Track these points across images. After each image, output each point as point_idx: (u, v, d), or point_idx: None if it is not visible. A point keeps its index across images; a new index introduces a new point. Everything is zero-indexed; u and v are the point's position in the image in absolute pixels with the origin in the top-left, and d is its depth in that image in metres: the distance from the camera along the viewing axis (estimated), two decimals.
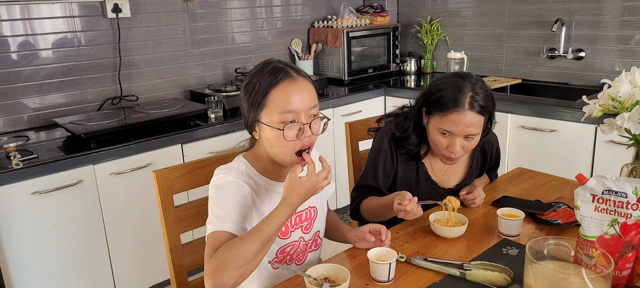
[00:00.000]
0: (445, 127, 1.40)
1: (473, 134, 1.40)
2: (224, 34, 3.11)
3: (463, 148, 1.42)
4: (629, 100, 1.17)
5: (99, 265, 2.24)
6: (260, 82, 1.16)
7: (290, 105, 1.13)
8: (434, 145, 1.48)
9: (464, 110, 1.37)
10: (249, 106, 1.18)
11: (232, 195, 1.16)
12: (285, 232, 1.28)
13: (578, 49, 2.90)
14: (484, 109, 1.39)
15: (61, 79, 2.55)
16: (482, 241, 1.33)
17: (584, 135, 2.38)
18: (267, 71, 1.17)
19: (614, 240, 1.05)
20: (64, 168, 2.06)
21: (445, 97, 1.39)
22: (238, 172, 1.20)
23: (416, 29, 3.66)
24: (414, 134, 1.51)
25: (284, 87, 1.14)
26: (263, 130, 1.17)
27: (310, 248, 1.36)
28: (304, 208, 1.31)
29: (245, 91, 1.19)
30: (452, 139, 1.41)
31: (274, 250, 1.27)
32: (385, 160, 1.55)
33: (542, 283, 1.04)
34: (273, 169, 1.25)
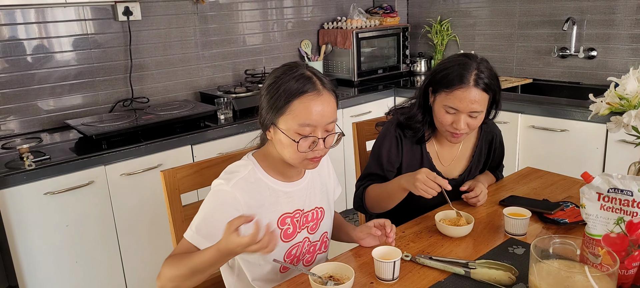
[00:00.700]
0: (451, 104, 1.43)
1: (477, 111, 1.43)
2: (234, 36, 3.13)
3: (468, 126, 1.45)
4: (636, 98, 1.16)
5: (110, 264, 2.27)
6: (285, 87, 1.14)
7: (310, 119, 1.13)
8: (439, 123, 1.50)
9: (469, 87, 1.40)
10: (268, 107, 1.17)
11: (219, 210, 1.16)
12: (291, 234, 1.28)
13: (590, 48, 2.87)
14: (488, 87, 1.43)
15: (73, 81, 2.60)
16: (488, 240, 1.33)
17: (595, 135, 2.35)
18: (293, 76, 1.15)
19: (620, 238, 1.03)
20: (75, 169, 2.10)
21: (451, 74, 1.43)
22: (240, 180, 1.19)
23: (426, 30, 3.65)
24: (420, 112, 1.54)
25: (308, 100, 1.13)
26: (277, 134, 1.18)
27: (319, 249, 1.36)
28: (311, 209, 1.31)
29: (268, 90, 1.18)
30: (457, 116, 1.44)
31: (281, 254, 1.27)
32: (390, 147, 1.57)
33: (547, 282, 1.03)
34: (281, 169, 1.26)
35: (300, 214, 1.29)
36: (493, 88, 1.45)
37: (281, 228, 1.26)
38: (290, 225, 1.27)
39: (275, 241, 1.05)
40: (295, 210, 1.28)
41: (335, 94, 1.20)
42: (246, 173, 1.21)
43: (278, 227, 1.25)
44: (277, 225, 1.25)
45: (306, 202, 1.31)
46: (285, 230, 1.27)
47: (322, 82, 1.17)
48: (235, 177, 1.19)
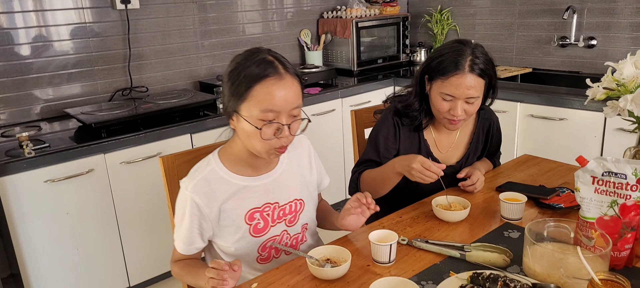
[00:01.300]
0: (447, 91, 1.43)
1: (473, 97, 1.43)
2: (233, 25, 3.13)
3: (465, 112, 1.46)
4: (632, 82, 1.16)
5: (111, 252, 2.29)
6: (246, 72, 1.11)
7: (272, 104, 1.10)
8: (436, 111, 1.51)
9: (465, 73, 1.41)
10: (230, 94, 1.14)
11: (187, 216, 1.20)
12: (263, 229, 1.26)
13: (589, 37, 2.86)
14: (484, 72, 1.43)
15: (72, 70, 2.60)
16: (484, 225, 1.34)
17: (594, 123, 2.36)
18: (255, 61, 1.12)
19: (613, 221, 1.04)
20: (75, 157, 2.11)
21: (446, 61, 1.43)
22: (200, 181, 1.20)
23: (426, 19, 3.64)
24: (416, 100, 1.55)
25: (270, 84, 1.10)
26: (240, 122, 1.14)
27: (301, 241, 1.35)
28: (288, 202, 1.30)
29: (229, 77, 1.15)
30: (453, 103, 1.45)
31: (254, 249, 1.27)
32: (388, 133, 1.57)
33: (541, 264, 1.04)
34: (248, 162, 1.23)
35: (271, 207, 1.27)
36: (489, 73, 1.46)
37: (249, 224, 1.24)
38: (260, 220, 1.25)
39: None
40: (265, 204, 1.26)
41: (299, 79, 1.16)
42: (206, 173, 1.21)
43: (246, 223, 1.24)
44: (245, 221, 1.23)
45: (281, 194, 1.28)
46: (254, 225, 1.25)
47: (285, 66, 1.14)
48: (195, 179, 1.20)
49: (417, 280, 1.10)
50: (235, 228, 1.24)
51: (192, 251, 1.25)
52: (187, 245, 1.24)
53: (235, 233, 1.24)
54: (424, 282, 1.09)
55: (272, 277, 1.17)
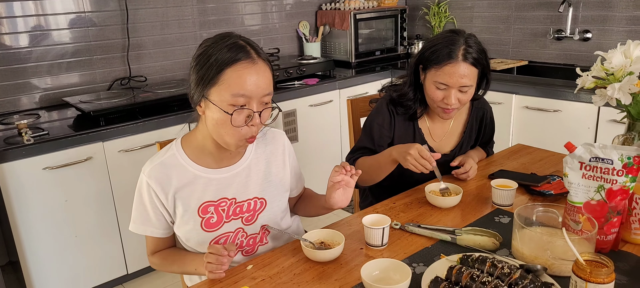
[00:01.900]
0: (441, 80, 1.46)
1: (467, 85, 1.46)
2: (232, 16, 3.14)
3: (459, 101, 1.48)
4: (620, 71, 1.18)
5: (109, 239, 2.31)
6: (216, 56, 1.07)
7: (244, 88, 1.06)
8: (430, 100, 1.53)
9: (458, 62, 1.43)
10: (198, 78, 1.09)
11: (139, 197, 1.22)
12: (215, 224, 1.22)
13: (585, 30, 2.88)
14: (477, 61, 1.46)
15: (71, 59, 2.61)
16: (476, 210, 1.37)
17: (587, 115, 2.39)
18: (226, 45, 1.08)
19: (600, 205, 1.07)
20: (74, 145, 2.13)
21: (439, 51, 1.46)
22: (157, 165, 1.18)
23: (424, 11, 3.65)
24: (411, 90, 1.57)
25: (242, 67, 1.06)
26: (209, 108, 1.09)
27: (260, 241, 1.29)
28: (246, 199, 1.24)
29: (197, 61, 1.10)
30: (447, 92, 1.47)
31: (205, 242, 1.23)
32: (383, 122, 1.60)
33: (529, 247, 1.07)
34: (210, 152, 1.20)
35: (228, 203, 1.22)
36: (481, 62, 1.48)
37: (202, 217, 1.20)
38: (214, 214, 1.21)
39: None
40: (221, 199, 1.21)
41: (270, 66, 1.13)
42: (165, 158, 1.19)
43: (199, 215, 1.20)
44: (197, 214, 1.20)
45: (240, 190, 1.23)
46: (207, 219, 1.21)
47: (257, 51, 1.11)
48: (153, 162, 1.19)
49: (408, 262, 1.12)
50: (188, 218, 1.21)
51: (148, 232, 1.24)
52: (141, 225, 1.23)
53: (187, 224, 1.21)
54: (415, 264, 1.12)
55: (267, 259, 1.19)
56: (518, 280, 0.95)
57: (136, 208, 1.23)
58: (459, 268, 0.99)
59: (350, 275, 1.10)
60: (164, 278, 2.51)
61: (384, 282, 1.04)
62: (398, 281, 1.02)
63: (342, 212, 3.03)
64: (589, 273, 0.89)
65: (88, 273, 2.29)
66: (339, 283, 1.07)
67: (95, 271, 2.31)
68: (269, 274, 1.13)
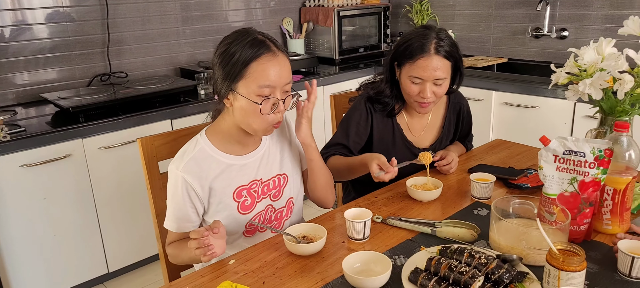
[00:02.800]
0: (415, 74, 1.49)
1: (441, 78, 1.49)
2: (216, 12, 3.13)
3: (434, 94, 1.51)
4: (592, 67, 1.22)
5: (89, 238, 2.29)
6: (241, 53, 1.16)
7: (269, 80, 1.15)
8: (406, 95, 1.56)
9: (431, 55, 1.47)
10: (225, 74, 1.17)
11: (179, 194, 1.23)
12: (250, 205, 1.30)
13: (562, 28, 2.95)
14: (449, 54, 1.49)
15: (49, 54, 2.57)
16: (455, 204, 1.39)
17: (564, 111, 2.45)
18: (247, 42, 1.17)
19: (573, 197, 1.10)
20: (52, 142, 2.10)
21: (412, 45, 1.49)
22: (190, 160, 1.23)
23: (407, 9, 3.69)
24: (387, 87, 1.60)
25: (265, 61, 1.16)
26: (237, 100, 1.18)
27: (286, 215, 1.38)
28: (271, 177, 1.33)
29: (221, 58, 1.18)
30: (422, 85, 1.50)
31: (242, 225, 1.30)
32: (360, 119, 1.61)
33: (506, 238, 1.10)
34: (237, 139, 1.27)
35: (258, 184, 1.31)
36: (454, 55, 1.51)
37: (237, 201, 1.28)
38: (247, 197, 1.29)
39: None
40: (252, 182, 1.29)
41: (288, 56, 1.23)
42: (195, 152, 1.24)
43: (234, 200, 1.27)
44: (233, 198, 1.27)
45: (265, 171, 1.32)
46: (242, 202, 1.28)
47: (276, 44, 1.20)
48: (185, 159, 1.23)
49: (389, 254, 1.14)
50: (223, 205, 1.27)
51: (183, 229, 1.26)
52: (177, 222, 1.26)
53: (224, 211, 1.27)
54: (396, 256, 1.14)
55: (249, 253, 1.20)
56: (494, 269, 0.97)
57: (173, 207, 1.25)
58: (438, 259, 1.02)
59: (332, 268, 1.11)
60: (146, 276, 2.49)
61: (365, 274, 1.05)
62: (379, 273, 1.04)
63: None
64: (562, 262, 0.92)
65: (67, 273, 2.26)
66: (321, 276, 1.09)
67: (75, 270, 2.28)
68: (252, 268, 1.14)
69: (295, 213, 1.43)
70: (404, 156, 1.58)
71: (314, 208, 1.57)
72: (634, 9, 2.66)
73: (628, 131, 1.14)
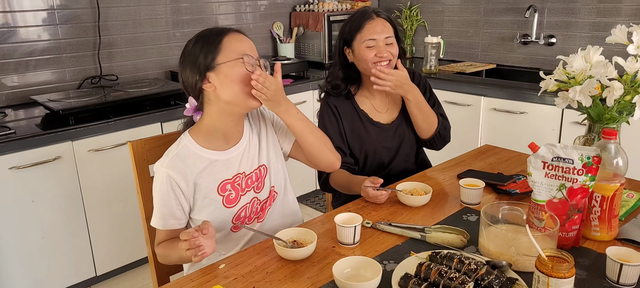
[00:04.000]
0: (367, 36, 1.60)
1: (390, 36, 1.63)
2: (206, 16, 3.12)
3: (390, 54, 1.62)
4: (581, 75, 1.24)
5: (78, 241, 2.27)
6: (209, 37, 1.24)
7: (242, 48, 1.24)
8: (365, 64, 1.62)
9: (374, 18, 1.62)
10: (197, 65, 1.23)
11: (164, 191, 1.25)
12: (234, 199, 1.32)
13: (549, 35, 2.99)
14: (389, 20, 1.65)
15: (39, 57, 2.55)
16: (445, 209, 1.40)
17: (552, 117, 2.48)
18: (213, 30, 1.26)
19: (562, 203, 1.12)
20: (41, 144, 2.08)
21: (356, 20, 1.64)
22: (173, 157, 1.26)
23: (396, 15, 3.71)
24: (340, 70, 1.69)
25: (233, 36, 1.25)
26: (221, 72, 1.22)
27: (267, 204, 1.40)
28: (253, 169, 1.36)
29: (187, 57, 1.25)
30: (377, 46, 1.61)
31: (228, 220, 1.32)
32: (328, 118, 1.68)
33: (495, 243, 1.11)
34: (215, 140, 1.30)
35: (242, 177, 1.33)
36: (393, 23, 1.66)
37: (222, 195, 1.30)
38: (232, 191, 1.31)
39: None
40: (235, 176, 1.32)
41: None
42: (179, 149, 1.27)
43: (219, 194, 1.30)
44: (217, 193, 1.29)
45: (247, 164, 1.34)
46: (226, 196, 1.31)
47: (240, 31, 1.29)
48: (169, 156, 1.27)
49: (379, 260, 1.15)
50: (209, 200, 1.29)
51: (169, 226, 1.28)
52: (163, 219, 1.27)
53: (210, 205, 1.29)
54: (386, 262, 1.14)
55: (239, 257, 1.20)
56: (484, 275, 0.98)
57: (159, 204, 1.27)
58: (428, 265, 1.02)
59: (322, 273, 1.12)
60: (134, 280, 2.47)
61: (355, 279, 1.06)
62: (369, 278, 1.04)
63: (314, 211, 3.05)
64: (551, 268, 0.94)
65: (55, 276, 2.23)
66: (311, 281, 1.09)
67: (63, 273, 2.25)
68: (242, 273, 1.13)
69: (281, 202, 1.43)
70: (378, 139, 1.69)
71: (304, 214, 1.57)
72: (620, 16, 2.71)
73: (616, 138, 1.16)
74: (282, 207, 1.44)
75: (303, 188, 3.10)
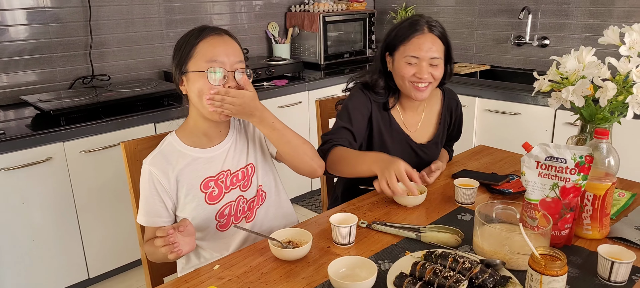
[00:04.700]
0: (410, 53, 1.49)
1: (436, 57, 1.49)
2: (200, 16, 3.11)
3: (431, 76, 1.50)
4: (574, 75, 1.25)
5: (70, 243, 2.24)
6: (189, 38, 1.25)
7: (216, 54, 1.21)
8: (401, 79, 1.53)
9: (425, 33, 1.49)
10: (177, 62, 1.25)
11: (147, 188, 1.27)
12: (217, 196, 1.32)
13: (543, 37, 3.01)
14: (442, 35, 1.52)
15: (29, 56, 2.52)
16: (440, 209, 1.41)
17: (545, 117, 2.49)
18: (195, 30, 1.26)
19: (555, 202, 1.12)
20: (32, 145, 2.05)
21: (404, 28, 1.51)
22: (157, 155, 1.29)
23: (392, 15, 3.72)
24: (381, 78, 1.58)
25: (211, 39, 1.22)
26: (190, 80, 1.22)
27: (257, 204, 1.38)
28: (240, 168, 1.35)
29: (175, 48, 1.27)
30: (418, 65, 1.49)
31: (211, 217, 1.32)
32: (360, 105, 1.56)
33: (489, 243, 1.11)
34: (198, 138, 1.31)
35: (226, 175, 1.33)
36: (446, 38, 1.53)
37: (205, 192, 1.30)
38: (215, 188, 1.31)
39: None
40: (219, 173, 1.32)
41: (238, 42, 1.28)
42: (163, 147, 1.30)
43: (201, 191, 1.30)
44: (200, 189, 1.30)
45: (232, 162, 1.34)
46: (209, 193, 1.31)
47: (224, 31, 1.27)
48: (152, 154, 1.30)
49: (374, 259, 1.15)
50: (191, 197, 1.29)
51: (153, 223, 1.28)
52: (147, 216, 1.28)
53: (192, 202, 1.30)
54: (381, 261, 1.14)
55: (234, 258, 1.19)
56: (478, 274, 0.98)
57: (143, 201, 1.29)
58: (423, 264, 1.02)
59: (317, 273, 1.11)
60: (127, 282, 2.46)
61: (350, 279, 1.06)
62: (364, 278, 1.04)
63: (310, 212, 3.05)
64: (544, 266, 0.94)
65: (47, 279, 2.21)
66: (307, 281, 1.08)
67: (55, 276, 2.23)
68: (237, 274, 1.13)
69: (273, 203, 1.41)
70: (402, 149, 1.60)
71: (299, 214, 1.57)
72: (612, 18, 2.73)
73: (608, 138, 1.17)
74: (276, 208, 1.43)
75: (299, 189, 3.10)
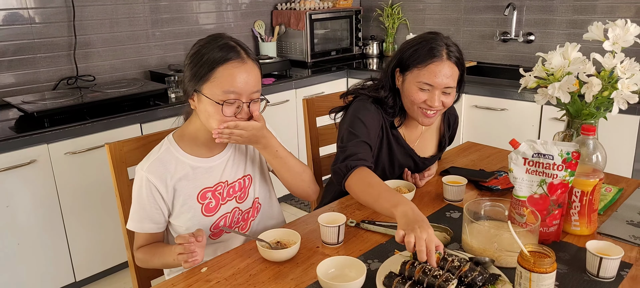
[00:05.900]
0: (425, 80, 1.39)
1: (451, 86, 1.41)
2: (186, 15, 3.08)
3: (442, 104, 1.42)
4: (560, 72, 1.26)
5: (55, 246, 2.21)
6: (209, 55, 1.17)
7: (234, 86, 1.16)
8: (410, 103, 1.44)
9: (443, 60, 1.38)
10: (192, 75, 1.19)
11: (143, 195, 1.23)
12: (214, 207, 1.29)
13: (528, 33, 3.03)
14: (459, 61, 1.43)
15: (12, 57, 2.47)
16: (428, 206, 1.41)
17: (531, 113, 2.51)
18: (217, 46, 1.18)
19: (542, 199, 1.13)
20: (15, 148, 2.02)
21: (422, 50, 1.39)
22: (154, 161, 1.24)
23: (378, 13, 3.72)
24: (391, 96, 1.48)
25: (232, 67, 1.16)
26: (202, 101, 1.18)
27: (252, 216, 1.38)
28: (237, 179, 1.33)
29: (191, 59, 1.20)
30: (431, 93, 1.40)
31: (206, 228, 1.30)
32: (374, 116, 1.46)
33: (478, 240, 1.12)
34: (202, 142, 1.27)
35: (223, 186, 1.30)
36: (462, 63, 1.44)
37: (202, 203, 1.28)
38: (212, 199, 1.29)
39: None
40: (216, 184, 1.29)
41: (259, 65, 1.23)
42: (160, 154, 1.25)
43: (198, 202, 1.27)
44: (197, 200, 1.27)
45: (231, 173, 1.32)
46: (206, 204, 1.28)
47: (246, 51, 1.20)
48: (149, 160, 1.24)
49: (363, 259, 1.14)
50: (188, 207, 1.27)
51: (146, 229, 1.26)
52: (141, 223, 1.25)
53: (187, 213, 1.27)
54: (370, 261, 1.14)
55: (222, 260, 1.18)
56: (467, 272, 0.99)
57: (136, 208, 1.25)
58: (412, 263, 1.02)
59: (306, 273, 1.11)
60: (114, 285, 2.43)
61: (339, 279, 1.05)
62: (353, 278, 1.04)
63: (299, 210, 3.04)
64: (533, 263, 0.94)
65: (33, 283, 2.17)
66: (295, 282, 1.08)
67: (40, 280, 2.19)
68: (225, 276, 1.12)
69: (266, 214, 1.41)
70: (405, 162, 1.55)
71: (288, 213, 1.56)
72: (596, 14, 2.76)
73: (594, 134, 1.18)
74: (268, 218, 1.43)
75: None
